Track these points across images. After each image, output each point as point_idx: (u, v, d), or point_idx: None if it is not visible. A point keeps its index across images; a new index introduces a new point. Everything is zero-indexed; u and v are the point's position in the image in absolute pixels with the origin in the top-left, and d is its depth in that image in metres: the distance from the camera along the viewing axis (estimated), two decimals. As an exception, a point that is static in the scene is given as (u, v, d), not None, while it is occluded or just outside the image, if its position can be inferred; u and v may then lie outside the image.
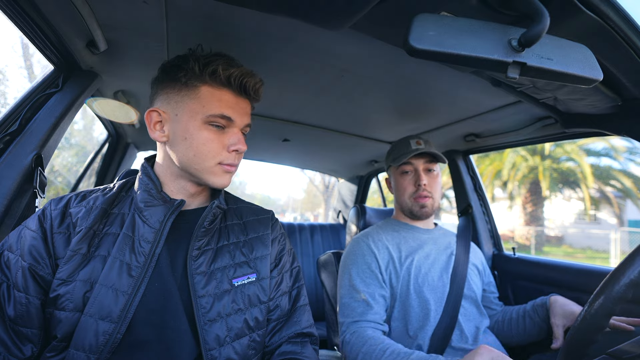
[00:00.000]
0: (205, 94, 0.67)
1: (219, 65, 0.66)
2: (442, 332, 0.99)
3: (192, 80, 0.66)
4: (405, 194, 1.17)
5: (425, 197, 1.14)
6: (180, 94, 0.67)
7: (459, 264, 1.13)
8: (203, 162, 0.68)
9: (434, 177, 1.16)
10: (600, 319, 0.59)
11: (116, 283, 0.60)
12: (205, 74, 0.66)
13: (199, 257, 0.67)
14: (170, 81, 0.68)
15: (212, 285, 0.66)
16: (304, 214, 32.41)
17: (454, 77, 0.93)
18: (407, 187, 1.16)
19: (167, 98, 0.69)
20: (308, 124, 1.50)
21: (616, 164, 13.39)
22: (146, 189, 0.68)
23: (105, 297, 0.58)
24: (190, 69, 0.66)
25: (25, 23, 0.73)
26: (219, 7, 0.69)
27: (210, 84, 0.67)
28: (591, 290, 0.63)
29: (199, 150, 0.67)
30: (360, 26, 0.64)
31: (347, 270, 1.10)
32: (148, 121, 0.70)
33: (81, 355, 0.56)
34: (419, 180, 1.13)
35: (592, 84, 0.53)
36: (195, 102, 0.66)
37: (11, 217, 0.75)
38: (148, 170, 0.70)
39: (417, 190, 1.14)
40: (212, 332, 0.63)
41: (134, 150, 1.94)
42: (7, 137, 0.78)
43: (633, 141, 0.84)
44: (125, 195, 0.72)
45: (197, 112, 0.66)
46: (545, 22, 0.45)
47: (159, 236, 0.65)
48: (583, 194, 13.62)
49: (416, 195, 1.14)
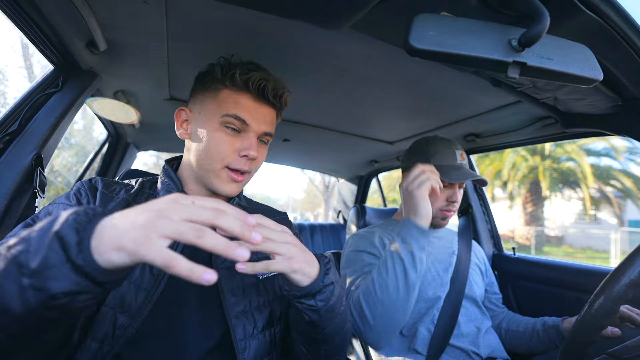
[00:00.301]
0: (224, 97, 0.70)
1: (238, 69, 0.69)
2: (442, 331, 0.99)
3: (215, 83, 0.71)
4: (434, 205, 1.08)
5: (451, 212, 1.11)
6: (204, 95, 0.72)
7: (460, 263, 1.12)
8: (211, 163, 0.69)
9: (461, 192, 1.13)
10: (600, 319, 0.59)
11: (138, 279, 0.61)
12: (225, 78, 0.69)
13: None
14: (199, 84, 0.74)
15: (238, 278, 0.68)
16: (304, 214, 32.39)
17: (454, 77, 0.93)
18: (438, 199, 1.09)
19: (194, 99, 0.74)
20: (308, 124, 1.50)
21: (616, 164, 13.41)
22: (168, 189, 0.72)
23: (127, 292, 0.60)
24: (214, 73, 0.70)
25: (25, 23, 0.73)
26: (218, 7, 0.69)
27: (230, 87, 0.70)
28: (591, 290, 0.63)
29: (209, 149, 0.69)
30: (360, 26, 0.64)
31: (348, 265, 1.08)
32: (176, 118, 0.75)
33: (95, 345, 0.57)
34: (454, 198, 1.08)
35: (592, 84, 0.53)
36: (215, 103, 0.70)
37: (11, 217, 0.75)
38: (169, 171, 0.74)
39: (447, 205, 1.10)
40: (240, 324, 0.64)
41: (134, 150, 1.94)
42: (7, 137, 0.78)
43: (633, 141, 0.84)
44: (147, 192, 0.73)
45: (214, 113, 0.69)
46: (545, 22, 0.45)
47: None
48: (583, 194, 13.63)
49: (444, 209, 1.10)
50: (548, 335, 1.04)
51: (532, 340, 1.08)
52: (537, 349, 1.07)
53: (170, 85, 1.14)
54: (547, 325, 1.06)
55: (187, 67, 0.99)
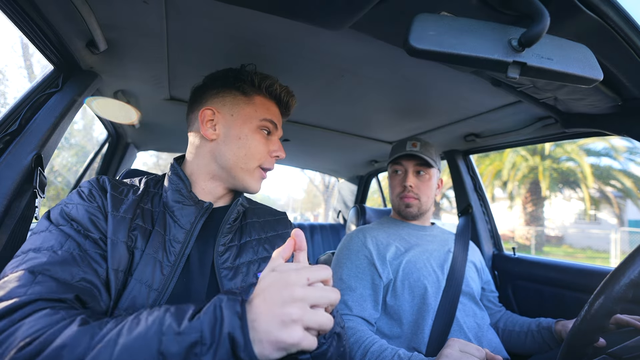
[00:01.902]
0: (259, 103, 0.76)
1: (275, 82, 0.78)
2: (440, 328, 0.99)
3: (250, 90, 0.76)
4: (394, 193, 1.22)
5: (410, 198, 1.17)
6: (236, 99, 0.75)
7: (456, 261, 1.13)
8: (250, 162, 0.74)
9: (424, 180, 1.19)
10: (600, 319, 0.59)
11: (149, 280, 0.62)
12: (262, 87, 0.76)
13: (225, 253, 0.70)
14: (227, 87, 0.76)
15: (239, 279, 0.69)
16: (304, 213, 32.40)
17: (454, 77, 0.93)
18: (396, 187, 1.22)
19: (222, 100, 0.75)
20: (308, 124, 1.50)
21: (616, 164, 13.40)
22: (177, 188, 0.71)
23: (140, 293, 0.60)
24: (249, 80, 0.75)
25: (25, 23, 0.73)
26: (218, 7, 0.69)
27: (264, 95, 0.77)
28: (591, 290, 0.63)
29: (250, 150, 0.74)
30: (360, 26, 0.64)
31: (340, 266, 1.10)
32: (201, 118, 0.74)
33: None
34: (404, 182, 1.17)
35: (592, 84, 0.53)
36: (251, 107, 0.75)
37: (11, 217, 0.75)
38: (177, 170, 0.73)
39: (403, 190, 1.18)
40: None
41: (133, 150, 1.94)
42: (7, 137, 0.78)
43: (633, 141, 0.84)
44: (153, 191, 0.73)
45: (251, 117, 0.74)
46: (545, 22, 0.45)
47: (189, 237, 0.67)
48: (583, 194, 13.62)
49: (402, 195, 1.18)
50: (542, 336, 1.05)
51: (527, 341, 1.08)
52: (532, 349, 1.07)
53: (170, 85, 1.14)
54: (541, 326, 1.07)
55: (187, 67, 0.99)
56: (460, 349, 0.74)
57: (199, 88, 0.79)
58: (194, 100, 0.79)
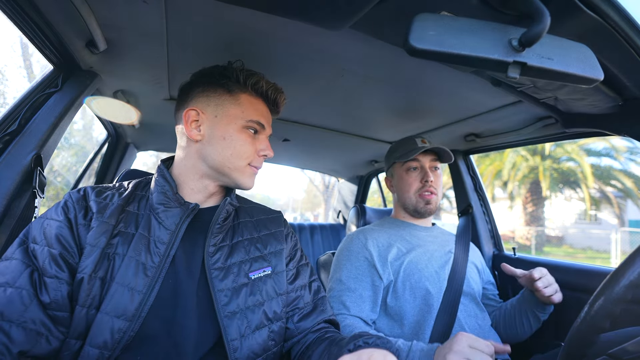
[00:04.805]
0: (245, 102, 0.74)
1: (261, 79, 0.76)
2: (442, 329, 0.98)
3: (235, 88, 0.74)
4: (411, 190, 1.18)
5: (431, 194, 1.16)
6: (221, 98, 0.73)
7: (457, 261, 1.13)
8: (237, 162, 0.73)
9: (438, 176, 1.19)
10: (600, 320, 0.59)
11: (132, 282, 0.61)
12: (248, 84, 0.74)
13: (215, 254, 0.70)
14: (212, 85, 0.74)
15: (230, 279, 0.68)
16: (304, 214, 32.40)
17: (454, 77, 0.93)
18: (413, 184, 1.18)
19: (206, 100, 0.74)
20: (308, 124, 1.50)
21: (617, 164, 13.39)
22: (162, 190, 0.70)
23: (122, 296, 0.60)
24: (234, 77, 0.74)
25: (25, 23, 0.73)
26: (218, 7, 0.69)
27: (250, 93, 0.75)
28: (591, 290, 0.63)
29: (236, 150, 0.72)
30: (360, 26, 0.64)
31: (339, 267, 1.10)
32: (185, 119, 0.73)
33: (95, 352, 0.57)
34: (426, 177, 1.15)
35: (593, 84, 0.53)
36: (236, 107, 0.73)
37: (11, 217, 0.75)
38: (164, 172, 0.73)
39: (423, 186, 1.16)
40: (232, 324, 0.64)
41: (133, 150, 1.94)
42: (6, 137, 0.78)
43: (633, 141, 0.84)
44: (140, 194, 0.73)
45: (237, 117, 0.73)
46: (545, 22, 0.45)
47: (174, 238, 0.67)
48: (583, 194, 13.61)
49: (422, 192, 1.16)
50: (520, 304, 1.08)
51: (516, 320, 1.09)
52: (526, 327, 1.08)
53: (170, 85, 1.14)
54: (517, 297, 1.11)
55: (187, 67, 0.99)
56: (469, 345, 0.72)
57: (186, 85, 0.78)
58: (181, 98, 0.78)
